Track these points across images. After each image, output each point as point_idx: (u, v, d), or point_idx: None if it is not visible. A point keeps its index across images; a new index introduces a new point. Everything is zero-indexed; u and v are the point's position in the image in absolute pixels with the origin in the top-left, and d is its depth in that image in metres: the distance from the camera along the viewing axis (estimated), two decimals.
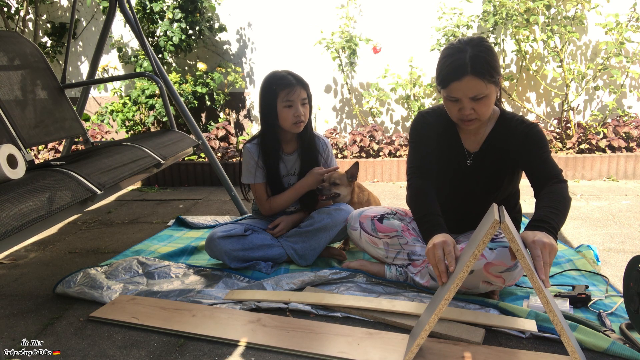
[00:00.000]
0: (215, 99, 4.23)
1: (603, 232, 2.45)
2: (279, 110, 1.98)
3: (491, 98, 1.56)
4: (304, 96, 1.99)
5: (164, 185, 3.98)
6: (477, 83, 1.51)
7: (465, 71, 1.50)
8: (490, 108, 1.59)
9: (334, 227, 2.01)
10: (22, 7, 4.44)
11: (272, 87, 1.98)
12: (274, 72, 2.03)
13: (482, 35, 1.71)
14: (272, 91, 1.98)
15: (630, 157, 3.72)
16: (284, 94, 1.95)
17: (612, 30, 3.72)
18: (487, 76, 1.51)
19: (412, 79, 4.08)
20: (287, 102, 1.96)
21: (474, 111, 1.56)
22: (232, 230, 1.99)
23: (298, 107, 1.97)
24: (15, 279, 2.02)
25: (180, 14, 4.06)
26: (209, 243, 1.98)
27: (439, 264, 1.35)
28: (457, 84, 1.52)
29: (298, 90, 1.96)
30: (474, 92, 1.52)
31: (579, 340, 1.36)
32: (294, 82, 1.97)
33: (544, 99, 4.25)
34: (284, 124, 2.00)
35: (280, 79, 1.98)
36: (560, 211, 1.42)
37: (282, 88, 1.96)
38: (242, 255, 1.98)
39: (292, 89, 1.96)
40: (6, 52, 2.28)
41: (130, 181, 1.98)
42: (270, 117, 2.01)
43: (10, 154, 1.54)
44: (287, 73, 2.01)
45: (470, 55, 1.50)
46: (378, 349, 1.37)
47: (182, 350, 1.42)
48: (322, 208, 2.08)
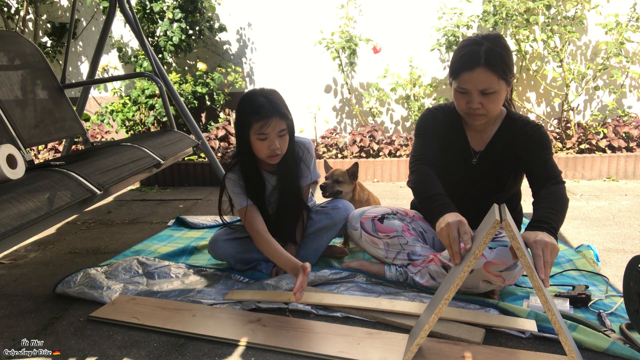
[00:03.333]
0: (215, 99, 4.23)
1: (603, 232, 2.45)
2: (252, 141, 1.78)
3: (500, 95, 1.56)
4: (282, 127, 1.76)
5: (164, 185, 3.98)
6: (488, 76, 1.50)
7: (479, 62, 1.50)
8: (498, 105, 1.58)
9: (333, 226, 2.00)
10: (22, 7, 4.44)
11: (246, 115, 1.76)
12: (252, 94, 1.78)
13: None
14: (246, 118, 1.76)
15: (630, 157, 3.72)
16: (258, 126, 1.73)
17: (612, 30, 3.72)
18: (500, 71, 1.51)
19: (412, 79, 4.08)
20: (261, 135, 1.75)
21: (481, 106, 1.56)
22: (236, 232, 2.00)
23: (273, 140, 1.76)
24: (15, 279, 2.02)
25: (180, 14, 4.06)
26: (213, 246, 1.98)
27: (453, 244, 1.31)
28: (468, 74, 1.52)
29: (274, 122, 1.73)
30: (484, 85, 1.52)
31: (579, 340, 1.36)
32: (270, 112, 1.73)
33: (544, 99, 4.25)
34: (258, 154, 1.82)
35: (258, 108, 1.74)
36: (560, 212, 1.43)
37: (257, 119, 1.73)
38: (247, 257, 1.98)
39: (267, 121, 1.73)
40: (6, 52, 2.28)
41: (129, 181, 1.98)
42: (244, 145, 1.83)
43: (9, 154, 1.54)
44: (265, 99, 1.75)
45: (486, 48, 1.51)
46: (378, 349, 1.37)
47: (182, 350, 1.42)
48: (320, 208, 2.05)
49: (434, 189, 1.57)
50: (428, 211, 1.53)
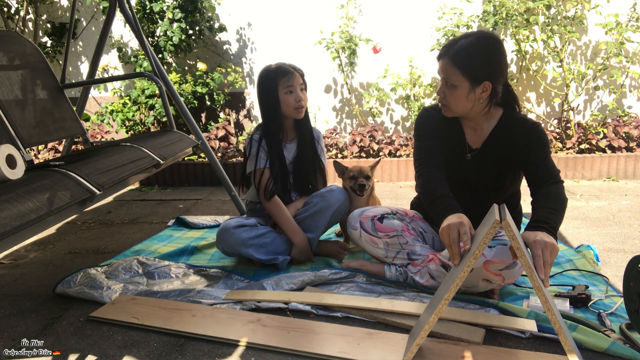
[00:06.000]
0: (215, 99, 4.23)
1: (603, 232, 2.45)
2: (281, 97, 2.06)
3: (459, 91, 1.60)
4: (301, 82, 2.09)
5: (164, 185, 3.98)
6: (450, 68, 1.58)
7: (447, 53, 1.59)
8: (458, 102, 1.62)
9: (328, 207, 2.08)
10: (22, 7, 4.44)
11: (272, 76, 2.06)
12: (268, 65, 2.11)
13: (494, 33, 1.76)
14: (272, 80, 2.06)
15: (630, 157, 3.72)
16: (284, 81, 2.04)
17: (612, 30, 3.72)
18: (461, 68, 1.56)
19: (412, 79, 4.08)
20: (288, 88, 2.04)
21: (444, 96, 1.64)
22: (244, 220, 2.03)
23: (298, 92, 2.06)
24: (15, 279, 2.02)
25: (180, 14, 4.06)
26: (223, 234, 1.96)
27: (453, 246, 1.33)
28: (440, 61, 1.63)
29: (296, 77, 2.06)
30: (445, 74, 1.60)
31: (579, 340, 1.36)
32: (291, 69, 2.07)
33: (544, 99, 4.24)
34: (286, 110, 2.08)
35: (278, 68, 2.08)
36: (559, 212, 1.44)
37: (282, 76, 2.05)
38: (257, 242, 1.98)
39: (291, 75, 2.05)
40: (6, 52, 2.28)
41: (129, 181, 1.98)
42: (273, 105, 2.08)
43: (9, 154, 1.54)
44: (282, 63, 2.10)
45: (461, 43, 1.58)
46: (378, 349, 1.37)
47: (182, 350, 1.42)
48: (316, 193, 2.15)
49: (439, 192, 1.58)
50: (435, 214, 1.55)
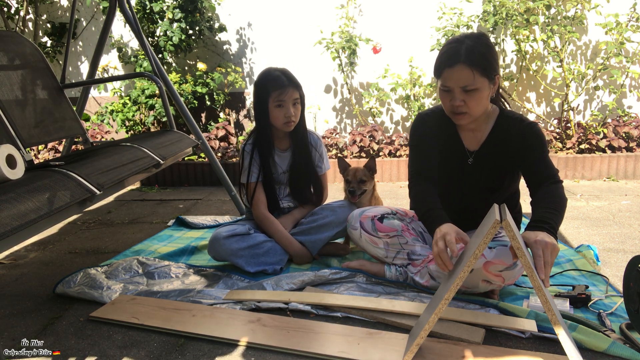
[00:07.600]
0: (215, 99, 4.23)
1: (603, 232, 2.45)
2: (270, 109, 2.02)
3: (482, 92, 1.56)
4: (295, 96, 2.03)
5: (164, 185, 3.98)
6: (468, 72, 1.51)
7: (459, 59, 1.51)
8: (481, 104, 1.58)
9: (338, 224, 2.04)
10: (22, 7, 4.44)
11: (265, 85, 2.02)
12: (269, 70, 2.06)
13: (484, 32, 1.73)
14: (265, 90, 2.02)
15: (630, 157, 3.72)
16: (276, 94, 1.99)
17: (612, 30, 3.72)
18: (480, 68, 1.52)
19: (412, 79, 4.08)
20: (279, 102, 2.00)
21: (464, 104, 1.56)
22: (236, 229, 1.99)
23: (289, 107, 2.01)
24: (15, 279, 2.02)
25: (180, 14, 4.06)
26: (213, 244, 1.96)
27: (441, 254, 1.36)
28: (449, 71, 1.54)
29: (290, 92, 2.00)
30: (465, 81, 1.52)
31: (579, 340, 1.36)
32: (286, 83, 2.00)
33: (544, 99, 4.24)
34: (275, 122, 2.05)
35: (274, 79, 2.01)
36: (559, 212, 1.44)
37: (275, 89, 1.99)
38: (249, 253, 1.96)
39: (284, 90, 1.99)
40: (6, 52, 2.28)
41: (129, 181, 1.98)
42: (262, 114, 2.05)
43: (9, 154, 1.54)
44: (280, 73, 2.04)
45: (467, 45, 1.53)
46: (378, 349, 1.37)
47: (182, 350, 1.42)
48: (326, 205, 2.10)
49: (426, 206, 1.60)
50: (426, 227, 1.58)
